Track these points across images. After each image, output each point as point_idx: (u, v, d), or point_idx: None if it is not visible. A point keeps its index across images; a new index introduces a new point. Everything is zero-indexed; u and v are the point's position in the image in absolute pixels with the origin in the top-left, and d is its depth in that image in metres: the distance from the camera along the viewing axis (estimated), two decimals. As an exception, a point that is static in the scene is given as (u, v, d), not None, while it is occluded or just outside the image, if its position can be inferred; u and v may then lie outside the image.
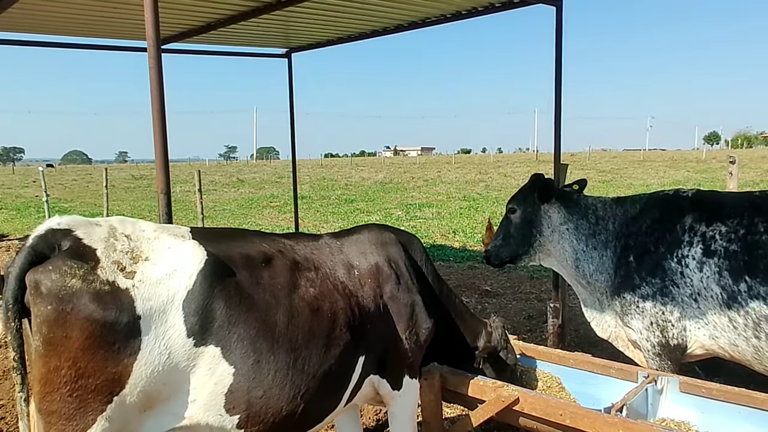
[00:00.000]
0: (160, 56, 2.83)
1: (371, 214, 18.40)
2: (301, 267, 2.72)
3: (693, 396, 3.56)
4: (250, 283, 2.47)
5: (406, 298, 3.11)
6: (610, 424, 3.10)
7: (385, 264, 3.09)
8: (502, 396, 3.48)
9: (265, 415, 2.43)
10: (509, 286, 8.77)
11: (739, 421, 3.33)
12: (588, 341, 6.24)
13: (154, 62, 2.80)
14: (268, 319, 2.45)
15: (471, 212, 17.68)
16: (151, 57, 2.80)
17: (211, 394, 2.33)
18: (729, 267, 3.53)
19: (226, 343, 2.33)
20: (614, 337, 4.40)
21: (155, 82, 2.85)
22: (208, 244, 2.43)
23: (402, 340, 3.07)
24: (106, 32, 7.26)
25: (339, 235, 3.20)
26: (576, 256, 4.34)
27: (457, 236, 13.38)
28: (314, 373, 2.56)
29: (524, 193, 4.58)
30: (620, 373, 3.86)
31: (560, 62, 5.76)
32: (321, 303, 2.67)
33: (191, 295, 2.28)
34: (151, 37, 2.90)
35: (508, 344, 3.76)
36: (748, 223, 3.56)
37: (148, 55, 2.81)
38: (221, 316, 2.33)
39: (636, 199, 4.26)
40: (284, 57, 8.75)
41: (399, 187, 29.56)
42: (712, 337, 3.69)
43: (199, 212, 11.87)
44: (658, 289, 3.82)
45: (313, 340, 2.57)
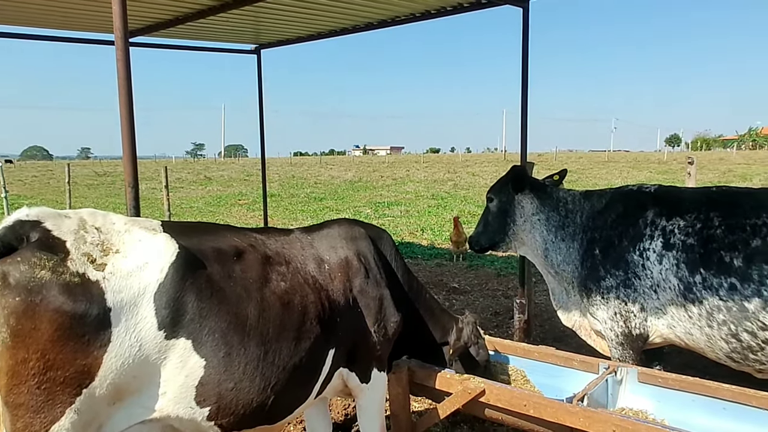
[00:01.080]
0: (127, 48, 2.82)
1: (340, 212, 18.40)
2: (273, 261, 2.75)
3: (650, 386, 3.69)
4: (221, 276, 2.48)
5: (375, 292, 3.16)
6: (572, 413, 3.21)
7: (354, 258, 3.14)
8: (468, 388, 3.56)
9: (236, 407, 2.46)
10: (477, 283, 8.90)
11: (693, 409, 3.48)
12: (553, 336, 6.39)
13: (122, 54, 2.78)
14: (239, 313, 2.47)
15: (439, 210, 17.83)
16: (118, 49, 2.78)
17: (181, 386, 2.34)
18: (686, 260, 3.69)
19: (197, 336, 2.35)
20: (578, 326, 4.55)
21: (122, 75, 2.83)
22: (179, 238, 2.44)
23: (371, 333, 3.12)
24: (71, 24, 7.11)
25: (310, 229, 3.23)
26: (545, 246, 4.49)
27: (425, 234, 13.50)
28: (285, 366, 2.59)
29: (501, 184, 4.75)
30: (582, 365, 3.98)
31: (527, 63, 5.89)
32: (292, 297, 2.70)
33: (162, 287, 2.28)
34: (118, 28, 2.87)
35: (479, 340, 3.83)
36: (704, 218, 3.71)
37: (116, 47, 2.79)
38: (192, 309, 2.34)
39: (602, 193, 4.41)
40: (253, 53, 8.70)
41: (368, 185, 29.59)
42: (669, 326, 3.84)
43: (166, 209, 11.71)
44: (621, 281, 3.96)
45: (283, 333, 2.60)
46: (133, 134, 3.00)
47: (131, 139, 2.99)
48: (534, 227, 4.54)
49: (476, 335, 3.79)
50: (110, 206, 21.32)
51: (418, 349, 3.80)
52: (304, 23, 7.25)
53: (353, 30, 7.45)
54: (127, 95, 2.93)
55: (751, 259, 3.45)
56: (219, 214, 18.58)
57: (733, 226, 3.57)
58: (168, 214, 11.77)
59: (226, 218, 17.49)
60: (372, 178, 35.13)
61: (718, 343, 3.61)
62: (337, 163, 60.80)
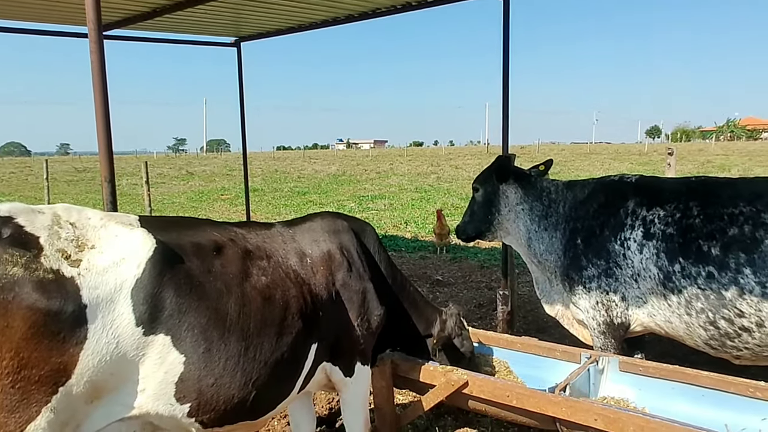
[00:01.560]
0: (101, 41, 2.76)
1: (324, 206, 18.35)
2: (253, 255, 2.72)
3: (631, 374, 3.73)
4: (200, 271, 2.45)
5: (358, 285, 3.14)
6: (554, 403, 3.23)
7: (337, 251, 3.12)
8: (452, 380, 3.56)
9: (217, 403, 2.43)
10: (460, 275, 8.92)
11: (673, 396, 3.52)
12: (536, 326, 6.43)
13: (96, 47, 2.72)
14: (219, 308, 2.44)
15: (422, 203, 17.85)
16: (92, 41, 2.72)
17: (161, 383, 2.31)
18: (666, 249, 3.73)
19: (176, 331, 2.32)
20: (561, 315, 4.59)
21: (97, 68, 2.77)
22: (157, 233, 2.40)
23: (354, 327, 3.11)
24: (46, 16, 6.97)
25: (291, 223, 3.20)
26: (528, 236, 4.53)
27: (408, 227, 13.51)
28: (266, 361, 2.57)
29: (486, 174, 4.78)
30: (564, 355, 4.01)
31: (507, 55, 5.88)
32: (273, 291, 2.67)
33: (140, 283, 2.25)
34: (92, 20, 2.81)
35: (463, 332, 3.84)
36: (683, 207, 3.75)
37: (89, 39, 2.73)
38: (171, 304, 2.31)
39: (585, 184, 4.44)
40: (233, 46, 8.60)
41: (352, 179, 29.53)
42: (650, 315, 3.88)
43: (147, 205, 11.58)
44: (603, 271, 4.00)
45: (265, 328, 2.58)
46: (108, 128, 2.95)
47: (107, 134, 2.94)
48: (518, 217, 4.56)
49: (460, 327, 3.80)
50: (90, 202, 21.04)
51: (402, 342, 3.79)
52: (284, 15, 7.17)
53: (334, 22, 7.40)
54: (101, 89, 2.88)
55: (728, 247, 3.49)
56: (201, 210, 18.42)
57: (711, 216, 3.61)
58: (149, 209, 11.65)
59: (208, 213, 17.34)
60: (356, 171, 35.07)
61: (697, 331, 3.66)
62: (321, 157, 60.59)
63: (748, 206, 3.52)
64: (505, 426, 4.15)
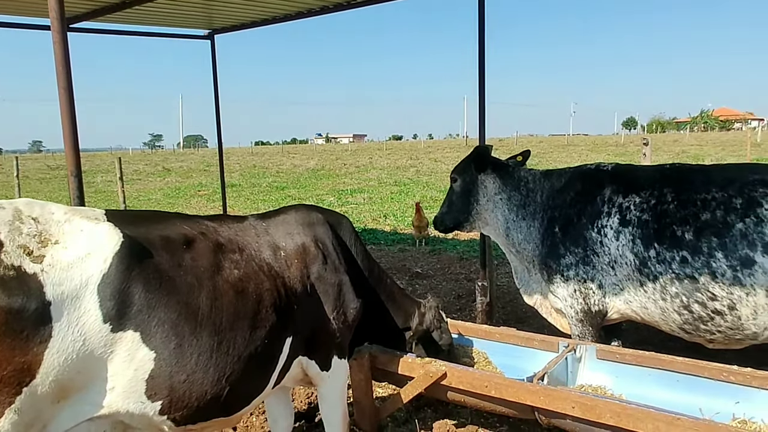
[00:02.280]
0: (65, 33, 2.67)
1: (303, 200, 18.24)
2: (225, 249, 2.67)
3: (608, 362, 3.76)
4: (170, 265, 2.39)
5: (334, 278, 3.10)
6: (532, 392, 3.24)
7: (312, 244, 3.07)
8: (430, 372, 3.55)
9: (189, 400, 2.38)
10: (439, 267, 8.93)
11: (649, 382, 3.56)
12: (515, 317, 6.46)
13: (59, 37, 2.63)
14: (190, 302, 2.38)
15: (402, 197, 17.85)
16: (55, 32, 2.64)
17: (130, 380, 2.26)
18: (641, 235, 3.76)
19: (146, 327, 2.26)
20: (539, 304, 4.60)
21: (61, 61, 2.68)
22: (124, 227, 2.34)
23: (330, 320, 3.07)
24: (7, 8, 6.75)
25: (265, 216, 3.15)
26: (507, 225, 4.53)
27: (388, 220, 13.49)
28: (240, 356, 2.52)
29: (464, 164, 4.76)
30: (542, 344, 4.03)
31: (483, 48, 5.87)
32: (246, 285, 2.62)
33: (106, 278, 2.19)
34: (54, 11, 2.72)
35: (442, 324, 3.82)
36: (658, 194, 3.80)
37: (52, 30, 2.64)
38: (140, 300, 2.25)
39: (562, 172, 4.46)
40: (207, 39, 8.46)
41: (331, 173, 29.41)
42: (626, 301, 3.92)
43: (121, 202, 11.39)
44: (580, 259, 4.02)
45: (238, 322, 2.53)
46: (74, 123, 2.87)
47: (72, 128, 2.85)
48: (496, 206, 4.56)
49: (438, 319, 3.78)
50: (64, 200, 20.61)
51: (380, 335, 3.77)
52: (257, 7, 7.07)
53: (308, 14, 7.31)
54: (66, 83, 2.79)
55: (700, 232, 3.54)
56: (178, 206, 18.19)
57: (684, 201, 3.66)
58: (124, 206, 11.45)
59: (185, 209, 17.13)
60: (335, 166, 34.93)
61: (672, 316, 3.70)
62: (300, 152, 60.25)
63: (720, 192, 3.57)
64: (485, 416, 4.16)
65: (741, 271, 3.40)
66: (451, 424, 4.06)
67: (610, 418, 2.97)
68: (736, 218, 3.45)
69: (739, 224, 3.43)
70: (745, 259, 3.39)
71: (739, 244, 3.41)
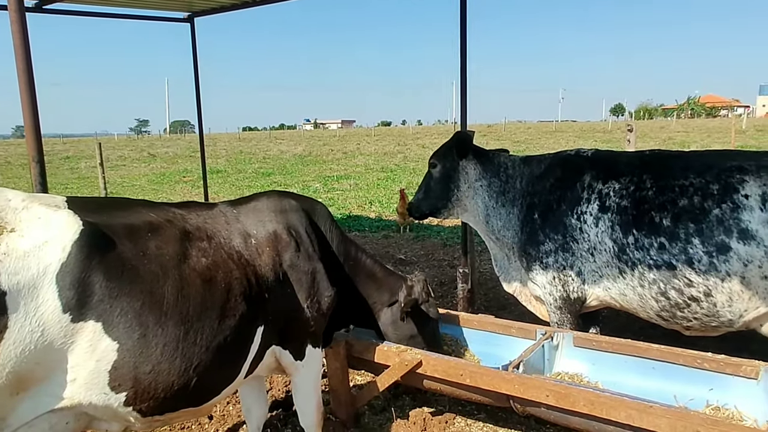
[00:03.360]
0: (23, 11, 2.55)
1: (289, 186, 18.11)
2: (193, 236, 2.61)
3: (585, 349, 3.76)
4: (134, 253, 2.33)
5: (307, 266, 3.04)
6: (507, 380, 3.22)
7: (284, 232, 3.01)
8: (406, 360, 3.53)
9: (155, 391, 2.33)
10: (423, 254, 8.91)
11: (625, 369, 3.56)
12: (497, 304, 6.45)
13: (16, 17, 2.52)
14: (155, 291, 2.33)
15: (388, 183, 17.78)
16: (12, 11, 2.52)
17: (92, 372, 2.20)
18: (620, 221, 3.75)
19: (108, 317, 2.20)
20: (518, 292, 4.59)
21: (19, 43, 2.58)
22: (85, 214, 2.27)
23: (303, 309, 3.02)
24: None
25: (235, 203, 3.09)
26: (487, 212, 4.50)
27: (373, 207, 13.43)
28: (208, 345, 2.47)
29: (445, 149, 4.68)
30: (520, 332, 4.02)
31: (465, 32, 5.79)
32: (214, 273, 2.57)
33: (66, 267, 2.13)
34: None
35: (430, 298, 3.74)
36: (637, 180, 3.78)
37: (9, 9, 2.53)
38: (101, 289, 2.19)
39: (541, 159, 4.43)
40: (186, 21, 8.28)
41: (318, 159, 29.26)
42: (605, 288, 3.91)
43: (103, 188, 11.23)
44: (559, 245, 4.00)
45: (206, 311, 2.48)
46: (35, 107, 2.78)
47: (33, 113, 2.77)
48: (476, 193, 4.52)
49: (427, 293, 3.72)
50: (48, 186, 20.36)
51: (363, 317, 3.71)
52: (238, -11, 6.93)
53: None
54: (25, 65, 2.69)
55: (678, 218, 3.54)
56: (162, 192, 18.01)
57: (663, 187, 3.65)
58: (105, 192, 11.30)
59: (169, 195, 16.97)
60: (322, 152, 34.74)
61: (649, 302, 3.70)
62: (287, 138, 59.82)
63: (698, 178, 3.57)
64: (463, 404, 4.15)
65: (717, 258, 3.40)
66: (428, 412, 4.05)
67: (584, 406, 2.97)
68: (713, 204, 3.44)
69: (716, 210, 3.43)
70: (721, 245, 3.39)
71: (716, 230, 3.41)
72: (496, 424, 3.95)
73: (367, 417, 4.08)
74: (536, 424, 3.85)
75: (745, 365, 3.20)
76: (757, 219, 3.32)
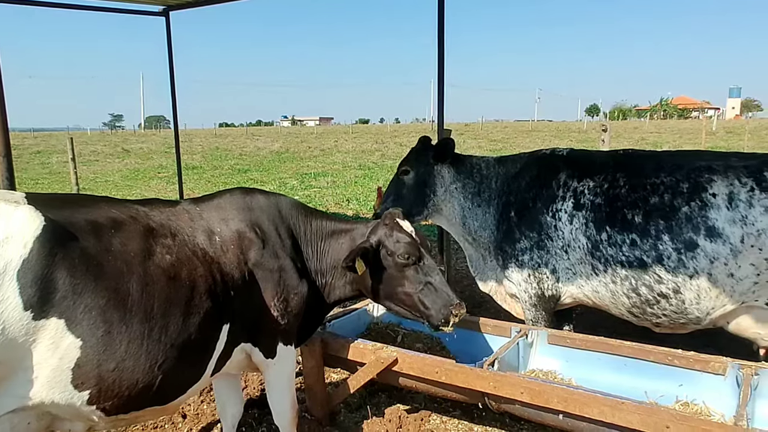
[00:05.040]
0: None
1: (265, 183, 17.96)
2: (157, 233, 2.55)
3: (559, 347, 3.78)
4: (98, 250, 2.28)
5: (273, 264, 2.98)
6: (482, 377, 3.22)
7: (248, 229, 2.95)
8: (381, 357, 3.51)
9: (119, 389, 2.28)
10: (400, 251, 8.87)
11: (598, 366, 3.60)
12: (473, 302, 6.46)
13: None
14: (119, 288, 2.27)
15: (366, 181, 17.75)
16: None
17: (55, 370, 2.15)
18: (594, 218, 3.79)
19: (71, 314, 2.15)
20: (494, 291, 4.59)
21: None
22: (47, 210, 2.21)
23: (271, 307, 2.96)
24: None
25: (200, 200, 3.03)
26: (463, 214, 4.48)
27: (350, 204, 13.38)
28: (173, 343, 2.42)
29: (417, 155, 4.62)
30: (495, 329, 4.03)
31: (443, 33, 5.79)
32: (179, 270, 2.52)
33: (27, 264, 2.07)
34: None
35: (395, 233, 3.24)
36: (611, 179, 3.83)
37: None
38: (64, 285, 2.13)
39: (516, 158, 4.44)
40: (161, 15, 8.15)
41: (295, 156, 29.08)
42: (579, 286, 3.94)
43: (74, 183, 11.00)
44: (535, 243, 4.02)
45: (170, 308, 2.43)
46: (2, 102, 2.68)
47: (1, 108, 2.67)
48: (452, 196, 4.50)
49: (392, 229, 3.25)
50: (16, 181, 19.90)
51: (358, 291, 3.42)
52: (213, -17, 6.83)
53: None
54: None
55: (649, 215, 3.59)
56: (136, 188, 17.72)
57: (635, 186, 3.70)
58: (76, 188, 11.07)
59: (143, 192, 16.71)
60: (299, 149, 34.54)
61: (621, 299, 3.75)
62: (264, 134, 59.36)
63: (668, 176, 3.63)
64: (439, 401, 4.14)
65: (685, 254, 3.47)
66: (404, 410, 4.04)
67: (557, 403, 2.99)
68: (682, 202, 3.51)
69: (685, 208, 3.49)
70: (689, 242, 3.45)
71: (684, 228, 3.48)
72: (471, 421, 3.96)
73: (343, 415, 4.06)
74: (511, 421, 3.86)
75: (713, 362, 3.25)
76: (723, 217, 3.38)
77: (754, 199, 3.33)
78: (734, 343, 3.80)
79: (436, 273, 3.26)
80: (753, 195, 3.34)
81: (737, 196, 3.37)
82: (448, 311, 3.18)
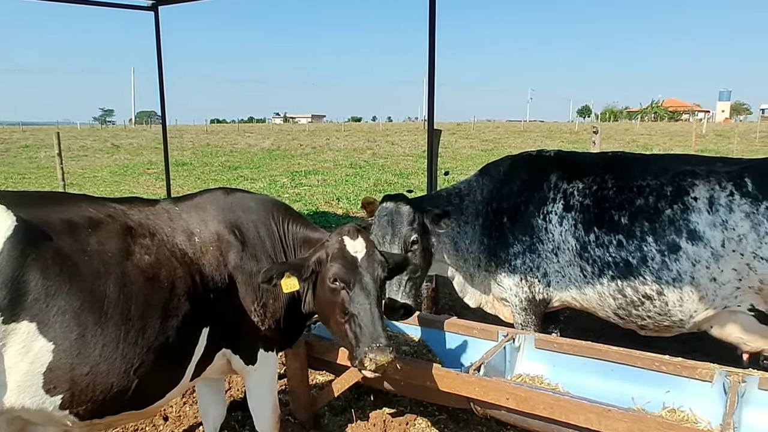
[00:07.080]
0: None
1: (255, 181, 17.86)
2: (135, 233, 2.48)
3: (546, 351, 3.75)
4: (73, 250, 2.21)
5: (253, 267, 2.88)
6: (467, 382, 3.18)
7: (227, 231, 2.86)
8: (366, 360, 3.45)
9: (93, 394, 2.21)
10: (389, 251, 8.83)
11: (585, 371, 3.56)
12: (460, 304, 6.36)
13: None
14: (95, 289, 2.21)
15: (356, 179, 17.68)
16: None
17: (26, 374, 2.08)
18: (583, 220, 3.78)
19: (44, 317, 2.08)
20: (483, 302, 4.52)
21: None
22: (19, 209, 2.14)
23: (251, 312, 2.88)
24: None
25: (180, 200, 2.95)
26: (454, 241, 4.31)
27: (341, 203, 13.32)
28: (150, 347, 2.36)
29: (411, 228, 3.94)
30: (482, 333, 3.98)
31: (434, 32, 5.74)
32: (157, 271, 2.45)
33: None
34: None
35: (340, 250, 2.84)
36: (600, 180, 3.82)
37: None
38: (37, 288, 2.07)
39: (498, 163, 4.36)
40: (150, 10, 8.05)
41: (286, 154, 28.96)
42: (566, 288, 3.92)
43: (60, 179, 10.86)
44: (527, 247, 3.98)
45: (148, 310, 2.36)
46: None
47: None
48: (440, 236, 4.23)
49: (335, 246, 2.84)
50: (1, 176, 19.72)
51: None
52: (203, -22, 6.75)
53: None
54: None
55: (635, 217, 3.61)
56: (125, 184, 17.57)
57: (623, 188, 3.71)
58: (62, 183, 10.93)
59: (132, 188, 16.55)
60: (291, 146, 34.42)
61: (607, 300, 3.74)
62: (256, 131, 59.15)
63: (654, 179, 3.64)
64: (424, 405, 4.11)
65: (668, 256, 3.48)
66: (389, 413, 4.00)
67: (543, 409, 2.95)
68: (666, 205, 3.52)
69: (668, 210, 3.51)
70: (672, 244, 3.47)
71: (667, 230, 3.50)
72: (457, 425, 3.92)
73: (327, 418, 4.01)
74: (497, 426, 3.83)
75: (701, 368, 3.22)
76: (704, 221, 3.40)
77: (734, 204, 3.35)
78: (720, 349, 3.79)
79: (368, 304, 2.72)
80: (733, 200, 3.36)
81: (717, 201, 3.39)
82: (363, 353, 2.61)
